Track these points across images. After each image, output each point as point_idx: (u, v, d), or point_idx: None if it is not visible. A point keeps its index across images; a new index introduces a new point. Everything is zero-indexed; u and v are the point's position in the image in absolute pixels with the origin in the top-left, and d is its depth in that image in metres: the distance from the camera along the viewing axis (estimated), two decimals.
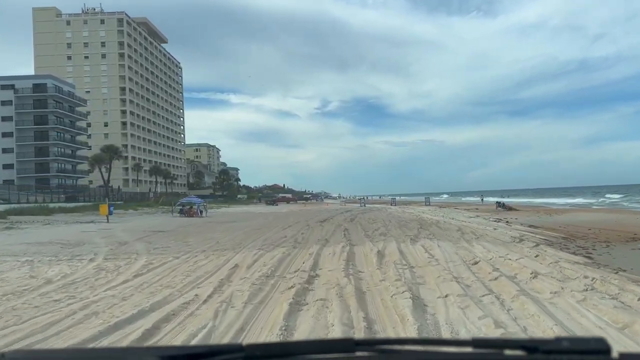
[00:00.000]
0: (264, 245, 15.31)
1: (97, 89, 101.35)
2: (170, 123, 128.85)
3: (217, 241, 17.65)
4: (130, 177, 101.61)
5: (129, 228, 25.78)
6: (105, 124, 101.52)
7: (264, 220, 33.05)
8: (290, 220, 30.70)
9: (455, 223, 24.22)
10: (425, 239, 15.37)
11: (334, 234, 18.85)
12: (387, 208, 51.85)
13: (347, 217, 32.78)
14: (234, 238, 18.92)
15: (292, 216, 37.86)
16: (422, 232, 18.35)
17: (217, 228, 25.62)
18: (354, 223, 25.43)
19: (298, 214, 43.08)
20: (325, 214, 39.82)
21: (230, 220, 34.24)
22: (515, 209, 40.12)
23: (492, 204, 66.97)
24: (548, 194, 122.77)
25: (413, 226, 21.82)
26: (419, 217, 31.34)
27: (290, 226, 25.04)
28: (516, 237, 16.55)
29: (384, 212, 39.55)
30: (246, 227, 26.00)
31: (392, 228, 20.85)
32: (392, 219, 28.80)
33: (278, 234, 20.24)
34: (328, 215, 35.59)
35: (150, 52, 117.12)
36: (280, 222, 29.89)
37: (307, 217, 34.43)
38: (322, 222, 26.85)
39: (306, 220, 30.50)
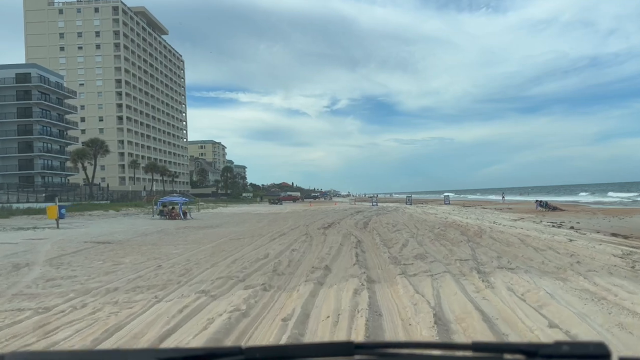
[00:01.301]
0: (218, 279, 8.90)
1: (91, 82, 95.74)
2: (171, 118, 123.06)
3: (159, 265, 11.40)
4: (127, 174, 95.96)
5: (70, 237, 19.54)
6: (100, 119, 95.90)
7: (255, 224, 26.71)
8: (287, 225, 24.34)
9: (506, 231, 17.64)
10: (497, 269, 8.82)
11: (339, 252, 12.37)
12: (403, 208, 45.24)
13: (358, 220, 26.28)
14: (192, 257, 12.65)
15: (293, 218, 31.49)
16: (478, 250, 11.81)
17: (188, 237, 19.33)
18: (368, 231, 18.90)
19: (301, 215, 36.70)
20: (332, 215, 33.37)
21: (214, 224, 27.94)
22: (560, 209, 33.37)
23: (519, 202, 59.98)
24: (566, 191, 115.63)
25: (454, 237, 15.26)
26: (449, 220, 24.75)
27: (283, 234, 18.65)
28: (629, 256, 10.01)
29: (403, 214, 32.98)
30: (226, 235, 19.69)
31: (426, 241, 14.30)
32: (418, 223, 22.24)
33: (259, 249, 13.86)
34: (335, 218, 29.14)
35: (149, 44, 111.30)
36: (274, 227, 23.55)
37: (310, 220, 28.03)
38: (327, 229, 20.42)
39: (307, 224, 24.11)
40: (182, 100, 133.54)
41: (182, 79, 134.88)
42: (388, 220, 24.83)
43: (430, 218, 27.14)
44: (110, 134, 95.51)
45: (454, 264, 9.38)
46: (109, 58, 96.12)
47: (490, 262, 9.60)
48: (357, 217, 28.95)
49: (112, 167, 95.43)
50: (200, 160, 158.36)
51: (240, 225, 26.51)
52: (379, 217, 28.29)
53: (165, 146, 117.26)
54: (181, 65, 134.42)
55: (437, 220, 25.21)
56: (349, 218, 28.67)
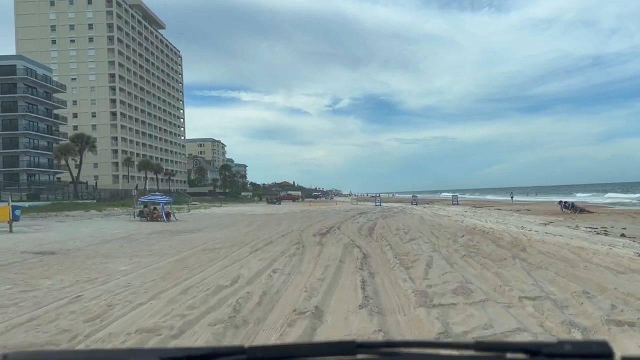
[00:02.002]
0: (138, 332, 5.35)
1: (84, 76, 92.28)
2: (168, 115, 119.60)
3: (78, 295, 7.99)
4: (121, 172, 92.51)
5: (11, 245, 16.05)
6: (92, 115, 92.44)
7: (243, 228, 23.20)
8: (278, 230, 20.82)
9: (547, 240, 14.05)
10: (608, 324, 5.21)
11: (338, 275, 8.81)
12: (410, 209, 41.66)
13: (362, 224, 22.73)
14: (136, 280, 9.29)
15: (288, 220, 27.98)
16: (537, 275, 8.21)
17: (155, 246, 15.87)
18: (375, 239, 15.30)
19: (297, 216, 33.19)
20: (332, 217, 29.84)
21: (197, 228, 24.43)
22: (588, 211, 29.74)
23: (530, 203, 55.93)
24: (571, 191, 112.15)
25: (490, 251, 11.65)
26: (469, 224, 21.18)
27: (269, 243, 15.12)
28: None
29: (412, 216, 29.40)
30: (202, 243, 16.21)
31: (456, 257, 10.71)
32: (434, 229, 18.65)
33: (230, 268, 10.35)
34: (335, 221, 25.60)
35: (145, 38, 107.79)
36: (263, 232, 20.05)
37: (306, 223, 24.53)
38: (324, 235, 16.86)
39: (302, 229, 20.58)
40: (180, 97, 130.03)
41: (180, 75, 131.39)
42: (397, 224, 21.25)
43: (445, 221, 23.58)
44: (103, 130, 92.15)
45: (523, 309, 5.80)
46: (102, 52, 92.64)
47: (578, 303, 6.01)
48: (361, 220, 25.38)
49: (105, 165, 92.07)
50: (199, 159, 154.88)
51: (226, 229, 23.00)
52: (385, 220, 24.71)
53: (161, 144, 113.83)
54: (179, 60, 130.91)
55: (454, 224, 21.65)
56: (351, 221, 25.11)
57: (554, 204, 48.54)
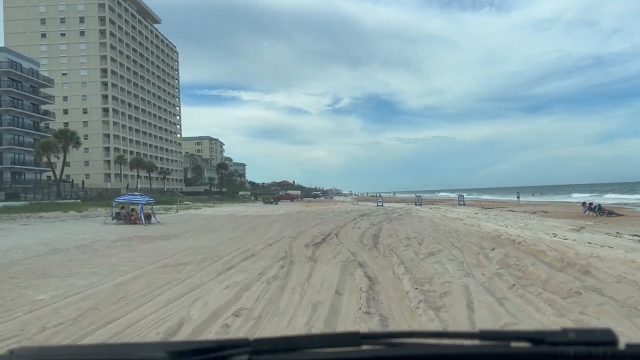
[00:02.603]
0: None
1: (75, 71, 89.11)
2: (163, 112, 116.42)
3: None
4: (113, 171, 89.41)
5: None
6: (84, 111, 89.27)
7: (227, 234, 20.15)
8: (266, 237, 17.77)
9: (604, 255, 10.97)
10: None
11: (332, 318, 5.74)
12: (415, 210, 38.59)
13: (364, 229, 19.66)
14: (27, 329, 6.12)
15: (280, 224, 24.96)
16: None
17: (112, 258, 12.87)
18: (382, 253, 12.17)
19: (292, 219, 30.17)
20: (331, 220, 26.81)
21: (176, 233, 21.38)
22: (617, 213, 26.66)
23: (537, 204, 52.50)
24: (569, 191, 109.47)
25: (544, 275, 8.56)
26: (489, 231, 18.07)
27: (250, 256, 12.07)
28: None
29: (420, 219, 26.30)
30: (169, 255, 13.19)
31: (501, 285, 7.63)
32: (451, 237, 15.55)
33: (180, 302, 7.29)
34: (333, 225, 22.55)
35: (139, 32, 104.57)
36: (246, 240, 17.01)
37: (301, 228, 21.52)
38: (319, 246, 13.81)
39: (294, 235, 17.53)
40: (176, 94, 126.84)
41: (176, 71, 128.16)
42: (406, 231, 18.17)
43: (459, 226, 20.51)
44: (95, 127, 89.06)
45: None
46: (94, 46, 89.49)
47: None
48: (363, 225, 22.31)
49: (96, 163, 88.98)
50: (196, 157, 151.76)
51: (207, 234, 19.94)
52: (391, 225, 21.63)
53: (156, 141, 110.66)
54: (175, 56, 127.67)
55: (471, 229, 18.57)
56: (352, 225, 22.04)
57: (569, 205, 45.49)
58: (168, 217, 35.58)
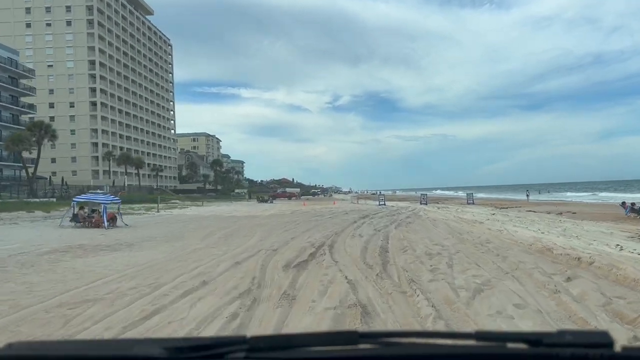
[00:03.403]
0: None
1: (61, 62, 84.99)
2: (156, 107, 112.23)
3: None
4: (101, 167, 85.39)
5: None
6: (70, 105, 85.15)
7: (197, 242, 16.11)
8: (240, 248, 13.73)
9: None
10: None
11: None
12: (422, 210, 34.55)
13: (367, 239, 15.59)
14: None
15: (266, 228, 20.94)
16: None
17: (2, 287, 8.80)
18: (397, 284, 8.00)
19: (283, 220, 26.16)
20: (326, 223, 22.78)
21: (136, 240, 17.33)
22: None
23: (549, 203, 48.00)
24: (566, 189, 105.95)
25: None
26: (530, 241, 14.00)
27: (200, 286, 8.00)
28: None
29: (432, 222, 22.17)
30: (91, 281, 9.14)
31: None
32: (488, 253, 11.40)
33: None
34: (329, 230, 18.48)
35: (130, 23, 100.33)
36: (215, 251, 13.00)
37: (288, 234, 17.51)
38: (304, 266, 9.78)
39: (276, 246, 13.50)
40: (170, 88, 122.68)
41: (170, 65, 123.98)
42: (422, 240, 14.07)
43: (484, 232, 16.46)
44: (82, 121, 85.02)
45: None
46: (81, 36, 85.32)
47: None
48: (365, 232, 18.24)
49: (84, 159, 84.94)
50: (191, 154, 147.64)
51: (170, 243, 15.90)
52: (400, 231, 17.56)
53: (148, 137, 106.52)
54: (169, 49, 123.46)
55: (504, 239, 14.49)
56: (351, 232, 17.98)
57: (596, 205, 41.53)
58: (144, 218, 31.58)
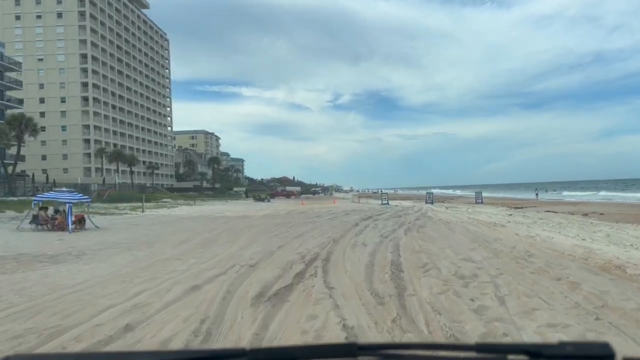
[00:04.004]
0: None
1: (52, 56, 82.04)
2: (152, 103, 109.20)
3: None
4: (93, 165, 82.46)
5: None
6: (61, 100, 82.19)
7: (170, 249, 13.11)
8: (217, 257, 10.75)
9: None
10: None
11: None
12: (431, 211, 31.52)
13: (372, 250, 12.51)
14: None
15: (253, 232, 17.93)
16: None
17: None
18: (424, 333, 5.11)
19: (276, 222, 23.15)
20: (324, 227, 19.74)
21: (98, 246, 14.35)
22: None
23: (562, 202, 44.40)
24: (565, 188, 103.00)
25: None
26: (577, 251, 10.95)
27: (113, 338, 5.01)
28: None
29: (446, 226, 19.06)
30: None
31: None
32: (536, 271, 8.33)
33: None
34: (326, 237, 15.41)
35: (124, 16, 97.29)
36: (187, 261, 10.07)
37: (276, 240, 14.50)
38: (284, 297, 6.75)
39: (257, 258, 10.49)
40: (166, 84, 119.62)
41: (167, 60, 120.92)
42: (444, 252, 11.00)
43: (512, 238, 13.44)
44: (73, 117, 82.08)
45: None
46: (72, 29, 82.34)
47: None
48: (369, 237, 15.22)
49: (75, 156, 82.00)
50: (189, 152, 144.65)
51: (134, 252, 12.88)
52: (412, 238, 14.50)
53: (144, 134, 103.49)
54: (165, 44, 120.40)
55: (545, 249, 11.45)
56: (352, 238, 14.94)
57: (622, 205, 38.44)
58: (124, 219, 28.61)
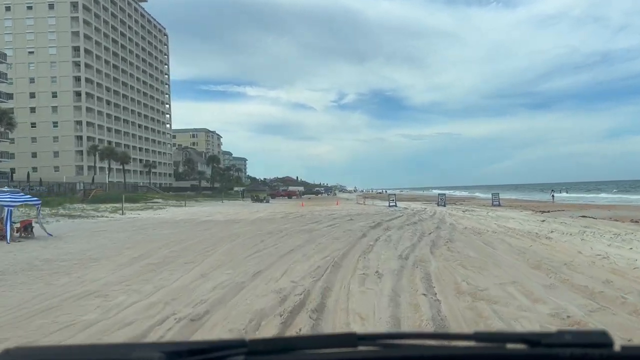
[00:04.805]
0: None
1: (43, 49, 78.48)
2: (150, 99, 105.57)
3: None
4: (85, 163, 78.93)
5: None
6: (53, 94, 78.63)
7: (101, 274, 9.23)
8: (147, 301, 6.85)
9: None
10: None
11: None
12: (448, 215, 27.61)
13: (391, 279, 8.67)
14: None
15: (232, 244, 14.09)
16: None
17: None
18: None
19: (266, 230, 19.30)
20: (324, 240, 15.83)
21: (24, 263, 10.51)
22: None
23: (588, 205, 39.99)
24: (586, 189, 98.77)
25: None
26: None
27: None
28: None
29: (479, 237, 15.06)
30: None
31: None
32: None
33: None
34: (325, 255, 11.49)
35: (120, 9, 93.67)
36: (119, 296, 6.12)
37: (257, 260, 10.60)
38: None
39: (209, 301, 6.66)
40: (165, 80, 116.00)
41: (166, 56, 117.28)
42: (506, 291, 7.11)
43: (583, 261, 9.60)
44: (65, 113, 78.54)
45: None
46: (64, 20, 78.73)
47: None
48: (383, 260, 11.36)
49: (67, 154, 78.45)
50: (189, 150, 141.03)
51: (57, 277, 9.09)
52: (444, 261, 10.55)
53: (140, 131, 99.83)
54: (164, 39, 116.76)
55: (631, 275, 7.62)
56: (359, 259, 11.06)
57: None
58: (97, 223, 24.86)
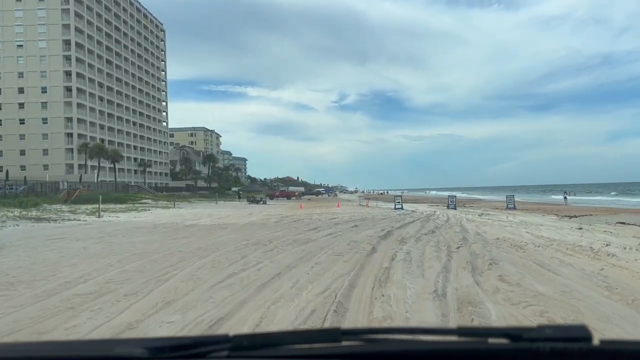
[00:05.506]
0: None
1: (33, 42, 75.40)
2: (145, 96, 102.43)
3: None
4: (76, 161, 75.71)
5: None
6: (42, 90, 75.52)
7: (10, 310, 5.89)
8: None
9: None
10: None
11: None
12: (464, 221, 24.27)
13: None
14: None
15: (203, 261, 10.72)
16: None
17: None
18: None
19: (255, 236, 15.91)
20: (322, 259, 12.49)
21: None
22: None
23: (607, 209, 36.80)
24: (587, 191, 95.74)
25: None
26: None
27: None
28: None
29: (526, 255, 11.74)
30: None
31: None
32: None
33: None
34: (321, 290, 8.24)
35: (114, 1, 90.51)
36: None
37: (213, 305, 7.29)
38: None
39: None
40: (162, 77, 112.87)
41: (162, 52, 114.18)
42: None
43: None
44: (56, 109, 75.42)
45: None
46: (55, 12, 75.66)
47: None
48: (410, 298, 8.02)
49: (57, 152, 75.37)
50: (187, 149, 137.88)
51: None
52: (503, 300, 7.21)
53: (135, 129, 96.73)
54: (161, 35, 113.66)
55: None
56: (373, 292, 7.73)
57: None
58: (64, 227, 21.57)
